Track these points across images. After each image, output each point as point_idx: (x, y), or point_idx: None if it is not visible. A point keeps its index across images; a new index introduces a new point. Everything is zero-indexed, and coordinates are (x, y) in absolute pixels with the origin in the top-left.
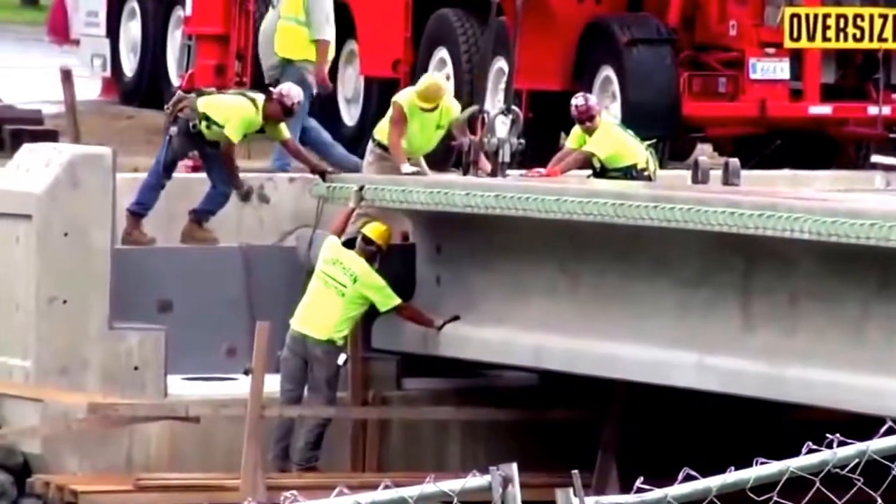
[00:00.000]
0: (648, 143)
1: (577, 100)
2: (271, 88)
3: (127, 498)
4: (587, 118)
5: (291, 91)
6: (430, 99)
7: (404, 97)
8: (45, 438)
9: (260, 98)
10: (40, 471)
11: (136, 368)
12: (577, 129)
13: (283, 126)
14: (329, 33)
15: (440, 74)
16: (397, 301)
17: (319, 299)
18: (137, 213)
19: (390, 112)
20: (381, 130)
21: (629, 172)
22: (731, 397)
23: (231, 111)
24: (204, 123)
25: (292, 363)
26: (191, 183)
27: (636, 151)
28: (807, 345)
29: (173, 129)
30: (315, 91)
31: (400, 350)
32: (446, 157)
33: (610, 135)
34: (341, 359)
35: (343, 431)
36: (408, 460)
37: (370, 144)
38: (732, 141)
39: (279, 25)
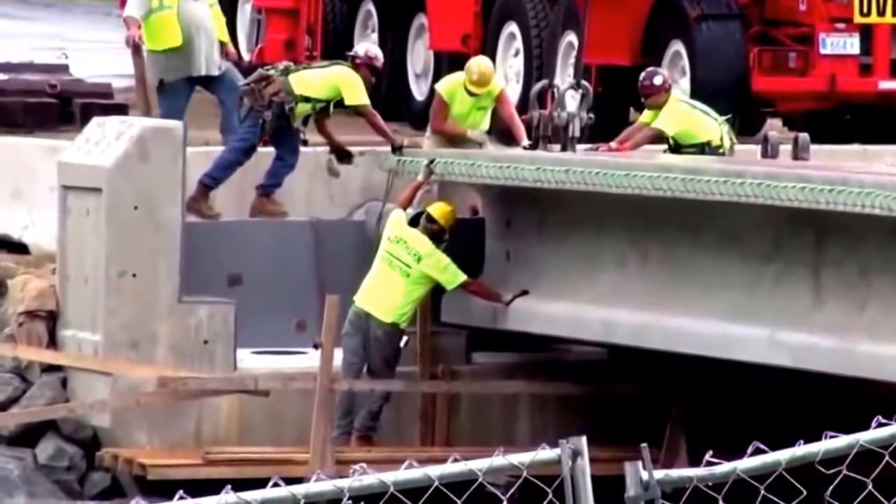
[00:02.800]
0: (725, 117)
1: (643, 74)
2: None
3: (196, 471)
4: (646, 94)
5: (379, 53)
6: (483, 83)
7: (444, 85)
8: (114, 412)
9: (348, 64)
10: (109, 444)
11: (205, 342)
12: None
13: None
14: None
15: (486, 58)
16: (463, 279)
17: (383, 280)
18: (209, 185)
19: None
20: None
21: (703, 150)
22: (801, 372)
23: (340, 83)
24: (307, 105)
25: (355, 339)
26: (262, 157)
27: (709, 128)
28: (877, 319)
29: (268, 114)
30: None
31: (469, 324)
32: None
33: (677, 111)
34: (403, 341)
35: (412, 406)
36: (476, 434)
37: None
38: (802, 116)
39: (214, 12)
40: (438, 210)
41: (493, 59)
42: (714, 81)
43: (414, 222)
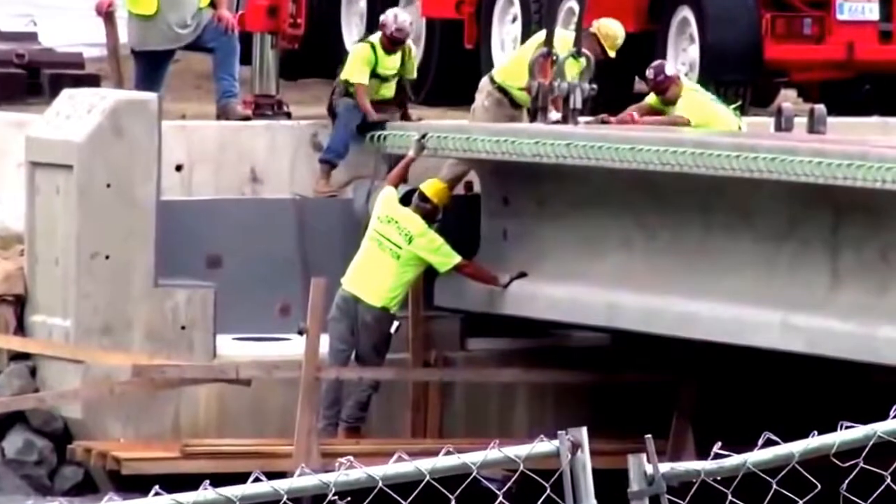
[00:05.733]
0: (734, 106)
1: (650, 71)
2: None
3: (173, 465)
4: (662, 90)
5: (405, 24)
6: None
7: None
8: (86, 402)
9: (374, 37)
10: (81, 437)
11: (183, 328)
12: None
13: None
14: None
15: None
16: (457, 260)
17: (373, 261)
18: (331, 163)
19: (536, 56)
20: (505, 72)
21: None
22: (815, 359)
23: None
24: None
25: (342, 325)
26: (244, 129)
27: (725, 118)
28: None
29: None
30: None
31: (463, 308)
32: None
33: (697, 101)
34: (394, 326)
35: (403, 395)
36: (471, 425)
37: (488, 86)
38: (818, 86)
39: None
40: (431, 187)
41: (489, 25)
42: (724, 49)
43: (405, 200)
